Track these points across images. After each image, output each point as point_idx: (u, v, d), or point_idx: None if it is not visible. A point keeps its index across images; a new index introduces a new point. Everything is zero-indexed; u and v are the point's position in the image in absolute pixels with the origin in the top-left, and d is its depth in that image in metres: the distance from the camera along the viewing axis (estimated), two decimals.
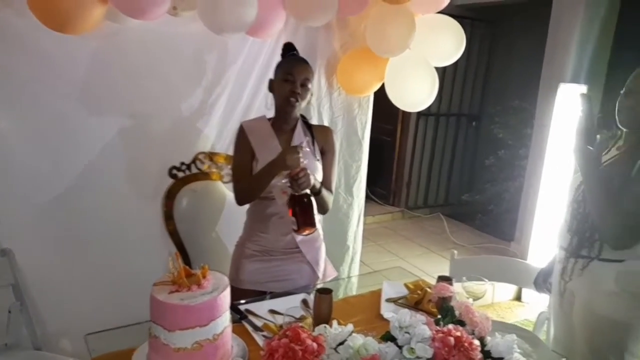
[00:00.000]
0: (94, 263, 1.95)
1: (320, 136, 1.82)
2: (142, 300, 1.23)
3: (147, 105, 1.99)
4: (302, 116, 1.83)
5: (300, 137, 1.77)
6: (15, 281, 1.70)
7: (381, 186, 5.34)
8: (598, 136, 1.48)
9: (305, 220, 1.59)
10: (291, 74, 1.71)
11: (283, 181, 1.62)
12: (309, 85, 1.74)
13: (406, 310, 1.27)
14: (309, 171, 1.58)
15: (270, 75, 1.84)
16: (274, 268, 1.80)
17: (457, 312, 1.34)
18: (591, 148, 1.47)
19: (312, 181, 1.60)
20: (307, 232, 1.64)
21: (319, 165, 1.77)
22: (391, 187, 5.39)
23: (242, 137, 1.78)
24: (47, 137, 1.84)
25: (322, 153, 1.81)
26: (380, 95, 2.48)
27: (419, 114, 4.98)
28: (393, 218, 5.20)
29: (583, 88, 3.30)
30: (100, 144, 1.94)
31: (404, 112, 4.92)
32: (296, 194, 1.57)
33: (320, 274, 1.86)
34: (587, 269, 1.54)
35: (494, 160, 4.74)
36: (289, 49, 1.84)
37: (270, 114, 1.83)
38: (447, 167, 5.46)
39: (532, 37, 4.21)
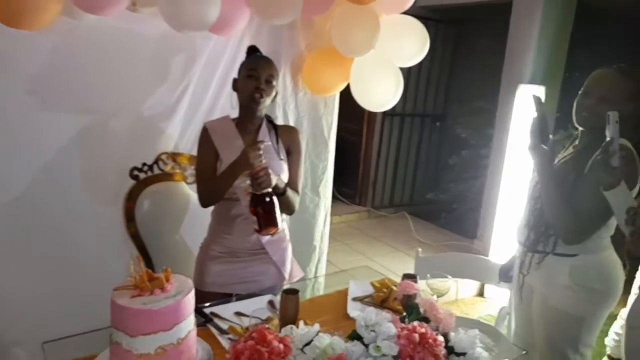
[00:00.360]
0: (51, 267, 1.87)
1: (286, 136, 1.81)
2: (103, 305, 1.19)
3: (106, 104, 1.93)
4: (267, 116, 1.82)
5: (264, 136, 1.76)
6: None
7: (347, 186, 5.37)
8: (551, 136, 1.54)
9: (267, 220, 1.56)
10: (255, 69, 1.69)
11: (247, 182, 1.60)
12: (274, 82, 1.72)
13: (372, 308, 1.28)
14: (270, 170, 1.56)
15: (235, 74, 1.81)
16: (240, 270, 1.78)
17: (421, 309, 1.36)
18: (545, 147, 1.53)
19: (274, 180, 1.58)
20: (271, 231, 1.62)
21: (284, 166, 1.76)
22: (357, 186, 5.43)
23: (205, 137, 1.75)
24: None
25: (288, 153, 1.80)
26: (346, 95, 2.49)
27: (385, 114, 5.03)
28: (359, 217, 5.24)
29: (541, 89, 3.41)
30: (57, 144, 1.86)
31: (369, 112, 4.95)
32: (257, 193, 1.54)
33: (286, 275, 1.85)
34: (543, 263, 1.60)
35: (457, 160, 4.85)
36: (253, 51, 1.82)
37: (235, 113, 1.81)
38: (412, 167, 5.54)
39: (494, 38, 4.32)
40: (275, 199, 1.57)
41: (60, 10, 1.62)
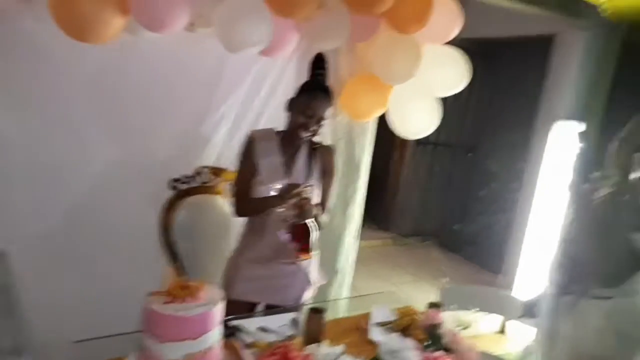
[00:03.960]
0: (88, 270, 1.96)
1: (323, 157, 1.84)
2: (135, 310, 1.24)
3: (152, 116, 2.03)
4: None
5: (302, 158, 1.79)
6: (6, 284, 1.68)
7: (374, 211, 5.33)
8: (596, 174, 1.52)
9: (304, 248, 1.65)
10: (311, 108, 1.70)
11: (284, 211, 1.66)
12: (324, 122, 1.73)
13: (395, 335, 1.28)
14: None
15: (280, 94, 1.85)
16: (268, 279, 1.81)
17: (444, 340, 1.36)
18: (587, 185, 1.51)
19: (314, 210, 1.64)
20: (306, 258, 1.70)
21: (315, 190, 1.78)
22: (385, 212, 5.40)
23: (249, 147, 1.78)
24: (48, 142, 1.87)
25: (323, 173, 1.83)
26: (379, 122, 2.51)
27: (417, 142, 5.03)
28: (385, 244, 5.20)
29: (580, 126, 3.36)
30: (103, 152, 1.97)
31: (401, 139, 4.95)
32: (299, 223, 1.62)
33: (312, 279, 1.90)
34: (576, 307, 1.56)
35: (486, 192, 4.79)
36: (319, 62, 1.79)
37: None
38: (441, 196, 5.48)
39: (532, 72, 4.29)
40: (313, 227, 1.63)
41: (123, 27, 1.72)
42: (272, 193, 1.71)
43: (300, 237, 1.62)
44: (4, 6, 1.66)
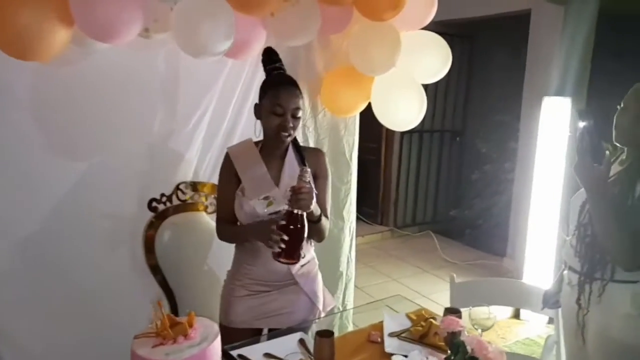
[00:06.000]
0: (73, 309, 1.78)
1: (313, 160, 1.69)
2: (125, 352, 1.10)
3: (119, 135, 1.84)
4: (294, 139, 1.69)
5: (291, 163, 1.65)
6: None
7: (369, 206, 5.26)
8: (607, 152, 1.40)
9: (290, 248, 1.42)
10: (280, 105, 1.55)
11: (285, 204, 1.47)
12: (300, 114, 1.59)
13: (416, 352, 1.16)
14: (314, 195, 1.45)
15: (253, 97, 1.72)
16: (268, 304, 1.65)
17: (468, 348, 1.24)
18: (597, 165, 1.38)
19: (313, 205, 1.46)
20: (291, 262, 1.48)
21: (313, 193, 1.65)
22: (379, 206, 5.32)
23: (226, 164, 1.67)
24: (9, 176, 1.68)
25: (315, 178, 1.67)
26: (363, 114, 2.41)
27: (403, 132, 4.95)
28: (383, 237, 5.11)
29: (566, 101, 3.30)
30: (71, 179, 1.78)
31: (387, 130, 4.88)
32: (292, 210, 1.40)
33: (320, 306, 1.73)
34: (602, 294, 1.45)
35: (479, 175, 4.73)
36: (269, 56, 1.68)
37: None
38: (433, 184, 5.43)
39: (511, 51, 4.24)
40: (306, 229, 1.44)
41: (70, 39, 1.56)
42: (261, 206, 1.57)
43: (290, 236, 1.40)
44: None
